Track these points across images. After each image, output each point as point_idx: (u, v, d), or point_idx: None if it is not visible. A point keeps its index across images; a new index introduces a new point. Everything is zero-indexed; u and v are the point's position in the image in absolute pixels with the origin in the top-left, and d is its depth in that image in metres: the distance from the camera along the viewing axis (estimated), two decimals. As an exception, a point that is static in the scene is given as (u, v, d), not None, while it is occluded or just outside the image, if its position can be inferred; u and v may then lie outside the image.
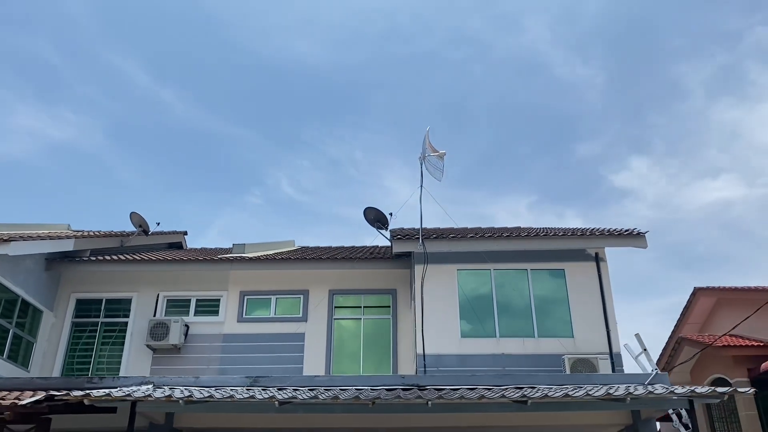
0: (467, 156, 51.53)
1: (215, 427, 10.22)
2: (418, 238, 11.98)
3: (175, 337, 13.46)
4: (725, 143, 44.88)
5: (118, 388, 8.81)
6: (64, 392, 7.72)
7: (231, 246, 15.19)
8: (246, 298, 14.26)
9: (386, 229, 15.48)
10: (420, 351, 11.41)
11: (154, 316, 14.03)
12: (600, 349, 11.19)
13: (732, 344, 16.29)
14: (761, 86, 42.29)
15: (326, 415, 9.02)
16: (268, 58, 40.12)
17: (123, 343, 13.92)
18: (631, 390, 8.49)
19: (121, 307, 14.27)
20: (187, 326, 13.87)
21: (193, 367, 13.54)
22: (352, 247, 16.66)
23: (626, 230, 11.65)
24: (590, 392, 8.22)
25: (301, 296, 14.23)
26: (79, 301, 14.25)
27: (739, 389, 7.05)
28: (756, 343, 16.30)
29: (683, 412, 10.16)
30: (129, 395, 7.71)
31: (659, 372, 9.35)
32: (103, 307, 14.23)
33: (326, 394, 7.89)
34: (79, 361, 13.79)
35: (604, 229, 11.74)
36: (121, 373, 13.52)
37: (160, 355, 13.72)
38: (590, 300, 11.60)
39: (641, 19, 39.23)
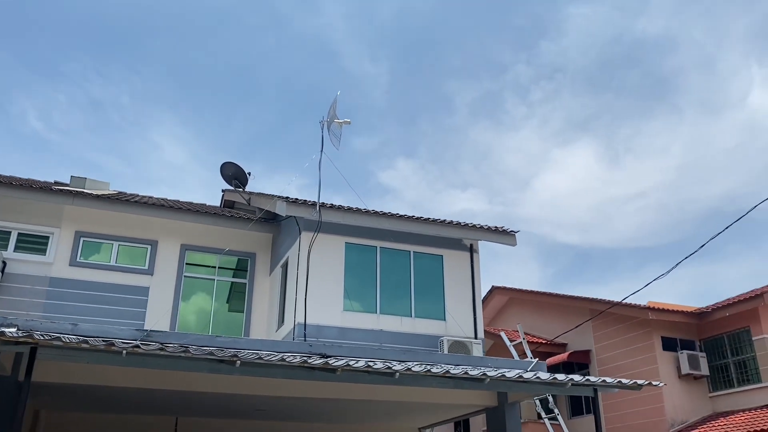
0: (249, 126, 50.45)
1: (69, 383, 8.82)
2: (311, 204, 11.58)
3: (-10, 273, 11.26)
4: (477, 161, 50.28)
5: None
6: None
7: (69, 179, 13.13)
8: (82, 239, 12.44)
9: (244, 187, 14.68)
10: (300, 320, 11.06)
11: (-38, 245, 11.58)
12: (468, 333, 11.93)
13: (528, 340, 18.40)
14: (513, 117, 48.13)
15: (231, 377, 8.35)
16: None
17: None
18: (521, 374, 9.22)
19: None
20: (4, 263, 11.68)
21: (8, 310, 11.44)
22: (210, 205, 15.44)
23: (500, 227, 12.57)
24: (487, 373, 8.76)
25: (149, 246, 12.84)
26: None
27: (654, 382, 8.13)
28: (542, 341, 18.64)
29: (550, 398, 11.32)
30: (59, 338, 6.34)
31: (538, 361, 10.27)
32: None
33: (274, 357, 7.31)
34: None
35: (481, 225, 12.51)
36: None
37: (-35, 293, 11.37)
38: (462, 287, 12.30)
39: (428, 32, 42.03)
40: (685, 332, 17.12)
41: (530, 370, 10.21)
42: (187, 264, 13.04)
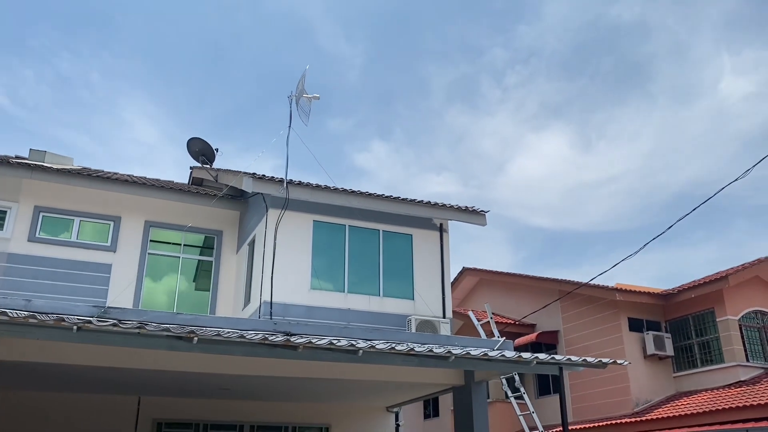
0: (222, 105, 49.71)
1: (21, 361, 8.51)
2: (278, 180, 11.36)
3: (-56, 249, 10.89)
4: (452, 145, 50.24)
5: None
6: None
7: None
8: (42, 214, 12.08)
9: (211, 164, 14.39)
10: (267, 298, 10.88)
11: None
12: (436, 313, 11.87)
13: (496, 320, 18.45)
14: (489, 101, 48.11)
15: (191, 354, 8.17)
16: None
17: None
18: (486, 352, 9.17)
19: None
20: (-41, 238, 11.31)
21: (-37, 287, 11.11)
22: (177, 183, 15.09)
23: (470, 207, 12.49)
24: (452, 351, 8.69)
25: (112, 223, 12.52)
26: None
27: (618, 360, 8.13)
28: (511, 321, 18.70)
29: (516, 377, 11.33)
30: (5, 313, 6.09)
31: (505, 339, 10.25)
32: None
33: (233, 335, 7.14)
34: None
35: (451, 204, 12.42)
36: None
37: None
38: (431, 267, 12.21)
39: (406, 14, 41.66)
40: (651, 313, 17.30)
41: (496, 349, 10.20)
42: (151, 241, 12.75)
